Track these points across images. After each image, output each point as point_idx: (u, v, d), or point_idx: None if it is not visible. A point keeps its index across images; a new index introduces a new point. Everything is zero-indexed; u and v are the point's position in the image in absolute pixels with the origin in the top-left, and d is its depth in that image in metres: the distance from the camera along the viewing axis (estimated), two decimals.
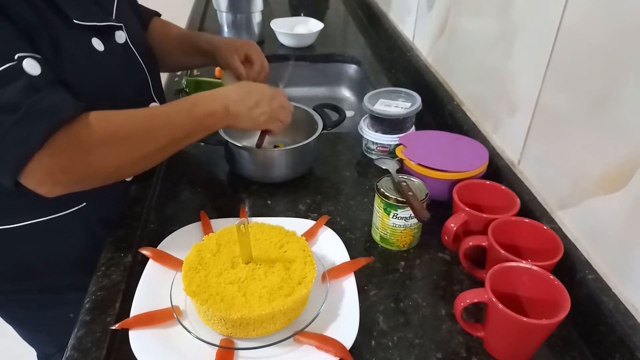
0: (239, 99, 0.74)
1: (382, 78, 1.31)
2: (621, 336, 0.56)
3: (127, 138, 0.64)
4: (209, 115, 0.71)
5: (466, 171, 0.78)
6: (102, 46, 0.70)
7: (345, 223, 0.80)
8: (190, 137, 0.71)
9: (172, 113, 0.69)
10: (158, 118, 0.68)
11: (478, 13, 0.95)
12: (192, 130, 0.70)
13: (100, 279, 0.67)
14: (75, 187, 0.64)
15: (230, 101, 0.73)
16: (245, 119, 0.75)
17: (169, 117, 0.68)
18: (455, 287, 0.69)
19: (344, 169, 0.94)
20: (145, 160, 0.69)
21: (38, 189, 0.60)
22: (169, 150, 0.70)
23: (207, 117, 0.71)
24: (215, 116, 0.72)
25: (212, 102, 0.72)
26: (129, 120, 0.65)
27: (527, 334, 0.56)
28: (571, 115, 0.69)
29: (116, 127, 0.63)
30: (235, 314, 0.55)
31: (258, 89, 0.77)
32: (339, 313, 0.61)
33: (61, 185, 0.62)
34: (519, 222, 0.67)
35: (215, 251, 0.64)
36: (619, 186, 0.60)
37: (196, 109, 0.70)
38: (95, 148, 0.61)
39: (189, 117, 0.70)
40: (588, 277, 0.63)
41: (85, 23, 0.67)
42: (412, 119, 0.96)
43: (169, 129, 0.68)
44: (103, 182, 0.66)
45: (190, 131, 0.70)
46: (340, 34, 1.66)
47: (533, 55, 0.76)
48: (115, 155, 0.64)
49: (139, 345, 0.56)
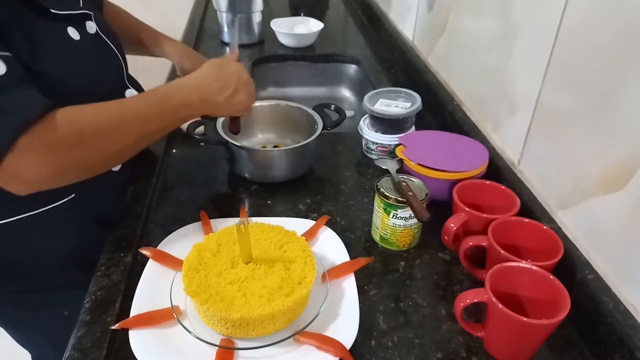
0: (216, 87, 0.73)
1: (382, 78, 1.31)
2: (621, 336, 0.56)
3: (95, 136, 0.62)
4: (184, 107, 0.69)
5: (466, 171, 0.78)
6: (77, 35, 0.69)
7: (345, 223, 0.80)
8: (164, 129, 0.69)
9: (142, 106, 0.66)
10: (128, 112, 0.65)
11: (478, 13, 0.95)
12: (165, 122, 0.69)
13: (100, 279, 0.67)
14: (45, 185, 0.62)
15: (207, 91, 0.71)
16: (224, 107, 0.75)
17: (140, 111, 0.66)
18: (455, 287, 0.69)
19: (344, 169, 0.94)
20: (118, 156, 0.67)
21: (6, 186, 0.59)
22: (142, 144, 0.68)
23: (181, 109, 0.69)
24: (191, 107, 0.70)
25: (187, 93, 0.70)
26: (97, 116, 0.62)
27: (527, 334, 0.56)
28: (571, 115, 0.69)
29: (83, 125, 0.61)
30: (235, 314, 0.55)
31: (234, 74, 0.76)
32: (339, 313, 0.61)
33: (28, 184, 0.60)
34: (519, 222, 0.67)
35: (215, 251, 0.64)
36: (619, 186, 0.60)
37: (170, 100, 0.68)
38: (62, 148, 0.59)
39: (162, 109, 0.67)
40: (588, 277, 0.63)
41: (62, 12, 0.66)
42: (412, 119, 0.96)
43: (140, 123, 0.65)
44: (75, 179, 0.64)
45: (163, 124, 0.69)
46: (340, 34, 1.66)
47: (533, 55, 0.76)
48: (84, 154, 0.62)
49: (139, 345, 0.56)
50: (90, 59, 0.72)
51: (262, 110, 0.98)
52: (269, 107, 0.98)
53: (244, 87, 0.77)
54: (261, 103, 0.98)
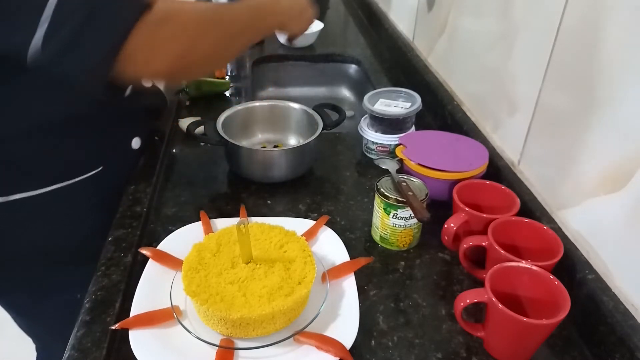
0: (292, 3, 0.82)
1: (382, 78, 1.31)
2: (621, 336, 0.56)
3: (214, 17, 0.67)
4: (271, 16, 0.78)
5: (466, 171, 0.78)
6: None
7: (345, 223, 0.80)
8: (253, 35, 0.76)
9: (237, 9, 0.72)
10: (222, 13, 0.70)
11: (478, 13, 0.95)
12: (253, 28, 0.74)
13: (100, 278, 0.67)
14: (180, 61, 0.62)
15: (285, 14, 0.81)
16: (295, 23, 0.84)
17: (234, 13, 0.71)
18: (455, 287, 0.69)
19: (344, 169, 0.94)
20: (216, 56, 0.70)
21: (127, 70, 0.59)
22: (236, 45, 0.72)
23: (268, 17, 0.77)
24: (275, 18, 0.79)
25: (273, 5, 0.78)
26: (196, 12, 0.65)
27: (527, 334, 0.56)
28: (571, 115, 0.69)
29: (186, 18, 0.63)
30: (235, 314, 0.55)
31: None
32: (339, 313, 0.61)
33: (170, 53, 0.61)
34: (519, 222, 0.67)
35: (215, 251, 0.64)
36: (619, 186, 0.60)
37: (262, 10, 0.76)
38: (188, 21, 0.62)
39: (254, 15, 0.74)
40: (588, 277, 0.63)
41: None
42: (412, 119, 0.96)
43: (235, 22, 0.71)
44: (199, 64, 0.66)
45: (252, 28, 0.74)
46: (340, 34, 1.66)
47: (533, 55, 0.76)
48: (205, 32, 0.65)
49: (139, 345, 0.56)
50: None
51: (262, 110, 0.98)
52: (269, 107, 0.98)
53: (308, 6, 0.85)
54: (261, 103, 0.98)
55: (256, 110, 0.97)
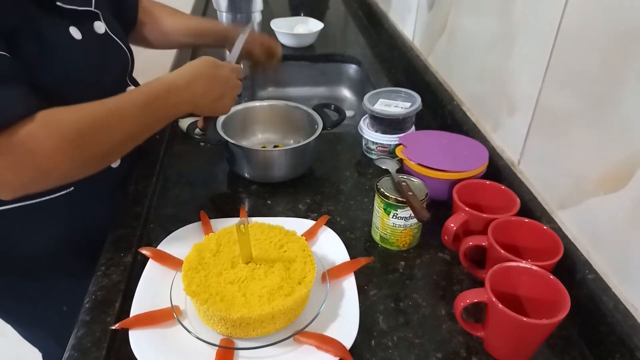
0: (205, 91, 0.73)
1: (382, 78, 1.31)
2: (621, 336, 0.56)
3: (76, 139, 0.60)
4: (173, 107, 0.70)
5: (466, 171, 0.78)
6: (79, 35, 0.69)
7: (345, 223, 0.80)
8: (150, 131, 0.69)
9: (128, 108, 0.65)
10: (112, 115, 0.63)
11: (478, 13, 0.95)
12: (150, 124, 0.68)
13: (100, 278, 0.67)
14: (28, 188, 0.61)
15: (197, 96, 0.72)
16: (208, 109, 0.76)
17: (124, 113, 0.64)
18: (455, 287, 0.69)
19: (344, 169, 0.94)
20: (102, 159, 0.66)
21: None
22: (127, 146, 0.67)
23: (169, 109, 0.69)
24: (179, 109, 0.71)
25: (176, 96, 0.69)
26: (79, 119, 0.61)
27: (527, 334, 0.56)
28: (571, 115, 0.69)
29: (66, 128, 0.59)
30: (235, 314, 0.55)
31: (222, 78, 0.75)
32: (339, 313, 0.61)
33: (9, 187, 0.59)
34: (519, 222, 0.67)
35: (215, 251, 0.64)
36: (619, 186, 0.60)
37: (158, 103, 0.68)
38: (43, 150, 0.58)
39: (148, 112, 0.67)
40: (588, 277, 0.63)
41: (67, 6, 0.67)
42: (412, 119, 0.96)
43: (124, 125, 0.64)
44: (58, 183, 0.62)
45: (149, 125, 0.68)
46: (340, 34, 1.66)
47: (533, 55, 0.76)
48: (64, 157, 0.60)
49: (139, 345, 0.56)
50: (91, 59, 0.72)
51: (262, 110, 0.98)
52: (269, 107, 0.98)
53: (230, 91, 0.77)
54: (261, 103, 0.98)
55: (256, 110, 0.97)
